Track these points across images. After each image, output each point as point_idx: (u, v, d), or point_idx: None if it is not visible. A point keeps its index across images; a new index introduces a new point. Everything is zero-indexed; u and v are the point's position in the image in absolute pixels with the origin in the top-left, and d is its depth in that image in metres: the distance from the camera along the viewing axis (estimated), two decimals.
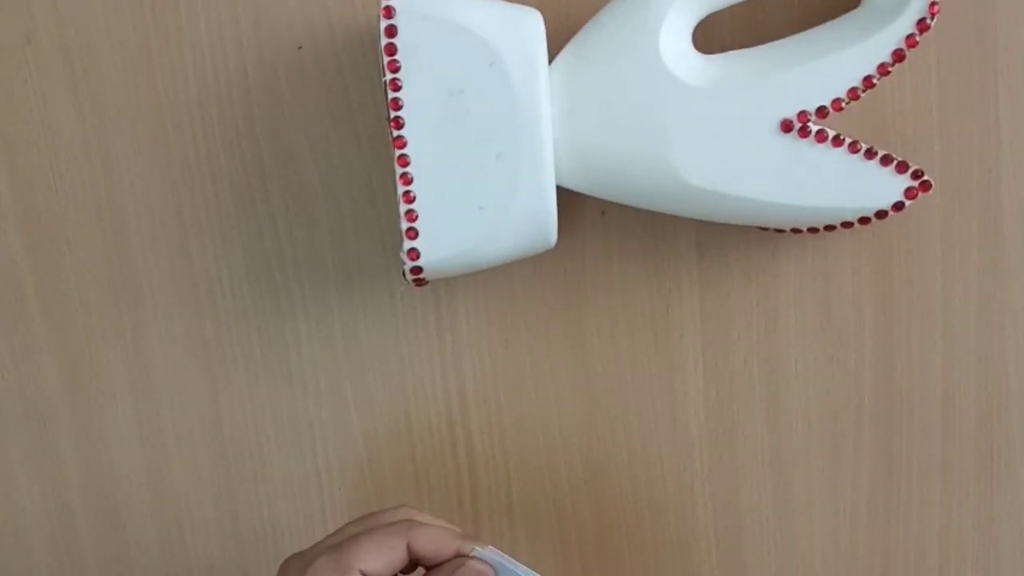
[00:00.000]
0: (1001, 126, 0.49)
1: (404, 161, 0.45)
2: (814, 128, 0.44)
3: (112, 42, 0.51)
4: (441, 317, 0.52)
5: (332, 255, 0.52)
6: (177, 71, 0.51)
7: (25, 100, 0.51)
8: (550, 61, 0.45)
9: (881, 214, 0.46)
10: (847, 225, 0.46)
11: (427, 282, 0.47)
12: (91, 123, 0.52)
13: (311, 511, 0.55)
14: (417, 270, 0.46)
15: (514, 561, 0.43)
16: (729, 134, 0.45)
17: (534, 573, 0.43)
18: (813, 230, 0.47)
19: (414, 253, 0.46)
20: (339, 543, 0.43)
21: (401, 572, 0.43)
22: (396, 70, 0.44)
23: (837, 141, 0.45)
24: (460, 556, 0.43)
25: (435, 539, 0.43)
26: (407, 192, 0.45)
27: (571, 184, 0.46)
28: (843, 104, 0.44)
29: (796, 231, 0.48)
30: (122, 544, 0.56)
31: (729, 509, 0.53)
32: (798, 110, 0.44)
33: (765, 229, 0.50)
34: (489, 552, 0.43)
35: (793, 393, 0.52)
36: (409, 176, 0.45)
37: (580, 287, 0.52)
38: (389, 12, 0.44)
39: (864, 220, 0.46)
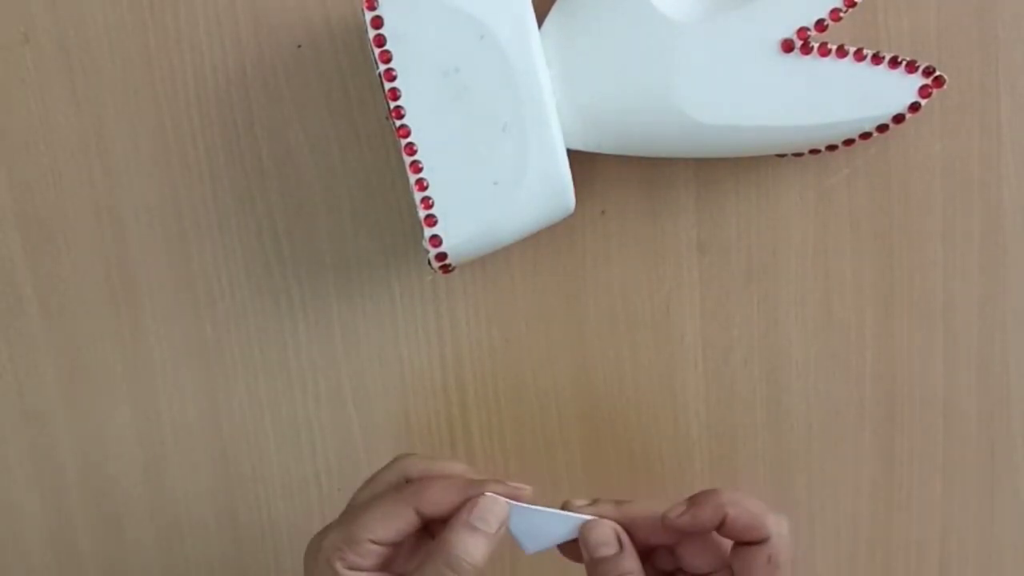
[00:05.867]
0: (1002, 126, 0.49)
1: (411, 149, 0.44)
2: (815, 43, 0.43)
3: (111, 40, 0.50)
4: (441, 317, 0.52)
5: (331, 255, 0.52)
6: (176, 70, 0.51)
7: (23, 99, 0.51)
8: (539, 25, 0.44)
9: (899, 119, 0.44)
10: (849, 143, 0.45)
11: (453, 268, 0.46)
12: (89, 122, 0.51)
13: (310, 511, 0.55)
14: (442, 256, 0.45)
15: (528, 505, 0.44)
16: (730, 65, 0.44)
17: (553, 510, 0.43)
18: (814, 151, 0.46)
19: (436, 240, 0.45)
20: (348, 518, 0.43)
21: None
22: (388, 60, 0.44)
23: (841, 52, 0.43)
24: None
25: (440, 499, 0.43)
26: (419, 180, 0.44)
27: (580, 144, 0.45)
28: (841, 13, 0.43)
29: (797, 155, 0.47)
30: (120, 544, 0.56)
31: None
32: (796, 27, 0.43)
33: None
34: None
35: (793, 393, 0.52)
36: (419, 164, 0.44)
37: (580, 287, 0.52)
38: (372, 3, 0.43)
39: (882, 128, 0.45)
